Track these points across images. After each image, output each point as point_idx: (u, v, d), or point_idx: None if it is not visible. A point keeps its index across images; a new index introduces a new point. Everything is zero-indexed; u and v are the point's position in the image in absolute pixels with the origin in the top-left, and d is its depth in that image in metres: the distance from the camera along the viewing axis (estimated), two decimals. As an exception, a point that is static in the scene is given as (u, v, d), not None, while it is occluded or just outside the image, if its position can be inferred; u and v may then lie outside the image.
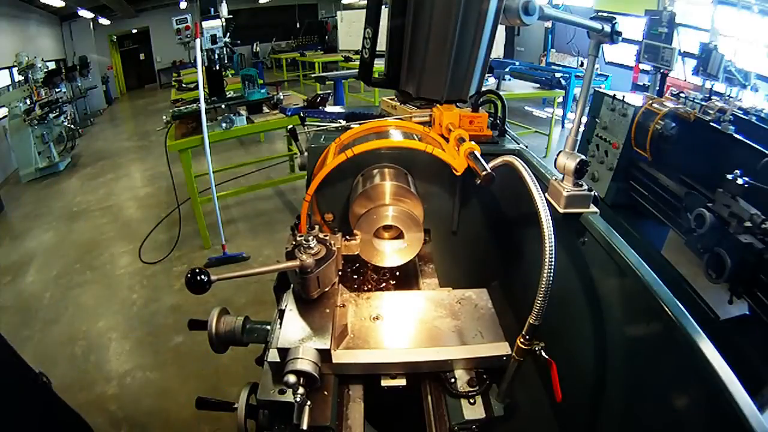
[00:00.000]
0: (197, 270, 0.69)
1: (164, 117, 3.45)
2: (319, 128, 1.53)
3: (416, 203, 1.16)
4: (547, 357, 0.76)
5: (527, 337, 0.76)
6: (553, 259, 0.68)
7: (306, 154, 1.38)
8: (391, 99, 1.66)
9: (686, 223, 2.10)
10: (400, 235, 1.13)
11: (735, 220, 1.84)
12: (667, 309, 0.68)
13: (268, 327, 0.96)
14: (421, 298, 1.04)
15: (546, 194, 1.05)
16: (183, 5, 8.49)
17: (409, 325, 0.94)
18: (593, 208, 0.99)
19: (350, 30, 8.02)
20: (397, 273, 1.25)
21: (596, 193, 1.00)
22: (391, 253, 1.14)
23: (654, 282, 0.74)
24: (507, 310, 1.38)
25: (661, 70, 3.18)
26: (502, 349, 0.87)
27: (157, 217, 4.26)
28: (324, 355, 0.79)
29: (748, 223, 1.78)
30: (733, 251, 1.81)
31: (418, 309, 0.99)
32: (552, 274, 0.68)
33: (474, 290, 1.05)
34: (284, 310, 0.87)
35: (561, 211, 0.99)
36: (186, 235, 3.76)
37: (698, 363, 0.60)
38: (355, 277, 1.25)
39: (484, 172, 1.02)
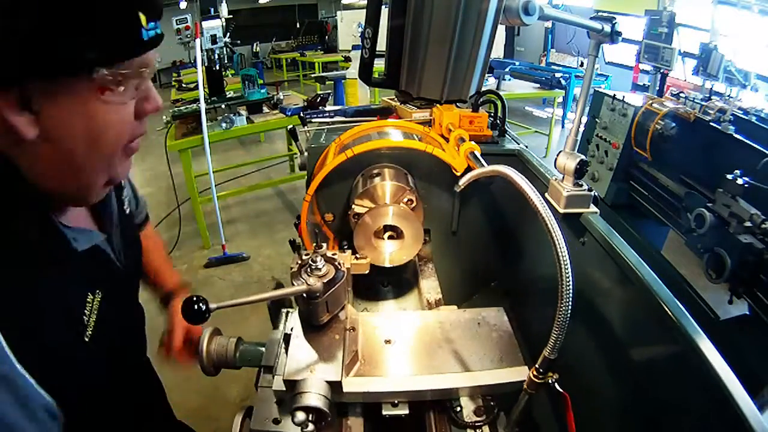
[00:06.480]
0: (194, 297, 0.61)
1: (164, 117, 3.45)
2: (319, 128, 1.53)
3: (416, 203, 1.16)
4: (561, 390, 0.71)
5: (541, 370, 0.69)
6: (570, 288, 0.63)
7: (306, 154, 1.38)
8: (391, 99, 1.66)
9: (686, 223, 2.10)
10: (400, 235, 1.13)
11: (735, 220, 1.84)
12: (667, 309, 0.68)
13: (262, 349, 0.89)
14: (434, 319, 0.97)
15: (546, 194, 1.05)
16: (183, 5, 8.49)
17: (423, 350, 0.87)
18: (593, 208, 0.99)
19: (350, 30, 8.01)
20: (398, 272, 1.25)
21: (596, 193, 1.00)
22: (391, 253, 1.14)
23: (654, 282, 0.74)
24: (506, 310, 1.39)
25: (661, 70, 3.18)
26: (522, 373, 0.80)
27: (157, 217, 4.26)
28: (335, 386, 0.73)
29: (748, 223, 1.78)
30: (733, 251, 1.81)
31: (434, 331, 0.92)
32: (570, 304, 0.63)
33: (491, 309, 0.98)
34: (290, 334, 0.81)
35: (561, 211, 0.99)
36: (186, 235, 3.76)
37: (698, 363, 0.60)
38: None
39: (484, 172, 1.02)
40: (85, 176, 0.56)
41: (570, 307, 0.63)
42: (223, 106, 3.42)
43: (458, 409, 0.81)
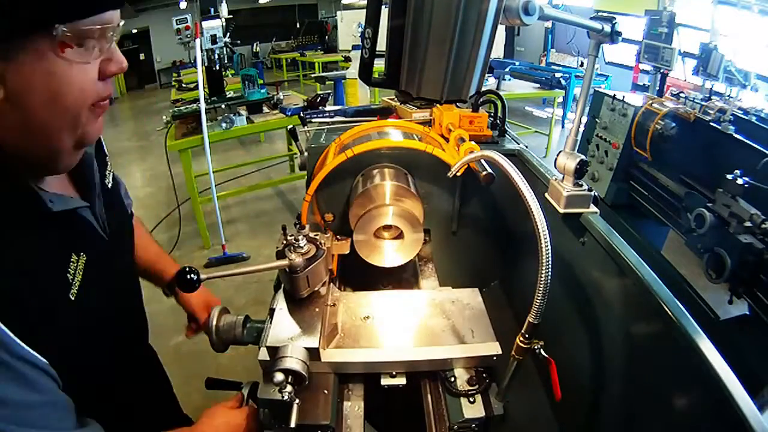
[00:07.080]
0: (187, 268, 0.71)
1: (164, 117, 3.45)
2: (319, 128, 1.53)
3: (416, 203, 1.16)
4: (546, 356, 0.76)
5: (526, 335, 0.75)
6: (550, 258, 0.67)
7: (306, 154, 1.38)
8: (391, 99, 1.66)
9: (686, 223, 2.10)
10: (399, 235, 1.13)
11: (735, 220, 1.84)
12: (667, 309, 0.68)
13: None
14: (412, 298, 1.03)
15: (546, 194, 1.05)
16: (183, 5, 8.48)
17: (399, 324, 0.94)
18: (593, 208, 0.99)
19: (350, 30, 8.01)
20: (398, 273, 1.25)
21: (596, 193, 1.00)
22: (391, 253, 1.14)
23: (654, 282, 0.74)
24: (507, 309, 1.39)
25: (661, 70, 3.17)
26: (492, 348, 0.87)
27: (157, 217, 4.26)
28: (313, 353, 0.79)
29: (748, 223, 1.78)
30: (733, 251, 1.81)
31: (409, 308, 0.99)
32: (549, 273, 0.67)
33: (465, 290, 1.04)
34: (275, 309, 0.88)
35: (561, 211, 0.99)
36: (186, 235, 3.76)
37: (698, 363, 0.60)
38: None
39: (484, 172, 1.02)
40: (51, 136, 0.56)
41: (550, 271, 0.67)
42: (223, 106, 3.42)
43: (452, 379, 0.86)
